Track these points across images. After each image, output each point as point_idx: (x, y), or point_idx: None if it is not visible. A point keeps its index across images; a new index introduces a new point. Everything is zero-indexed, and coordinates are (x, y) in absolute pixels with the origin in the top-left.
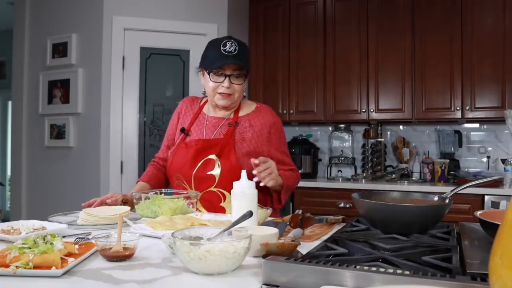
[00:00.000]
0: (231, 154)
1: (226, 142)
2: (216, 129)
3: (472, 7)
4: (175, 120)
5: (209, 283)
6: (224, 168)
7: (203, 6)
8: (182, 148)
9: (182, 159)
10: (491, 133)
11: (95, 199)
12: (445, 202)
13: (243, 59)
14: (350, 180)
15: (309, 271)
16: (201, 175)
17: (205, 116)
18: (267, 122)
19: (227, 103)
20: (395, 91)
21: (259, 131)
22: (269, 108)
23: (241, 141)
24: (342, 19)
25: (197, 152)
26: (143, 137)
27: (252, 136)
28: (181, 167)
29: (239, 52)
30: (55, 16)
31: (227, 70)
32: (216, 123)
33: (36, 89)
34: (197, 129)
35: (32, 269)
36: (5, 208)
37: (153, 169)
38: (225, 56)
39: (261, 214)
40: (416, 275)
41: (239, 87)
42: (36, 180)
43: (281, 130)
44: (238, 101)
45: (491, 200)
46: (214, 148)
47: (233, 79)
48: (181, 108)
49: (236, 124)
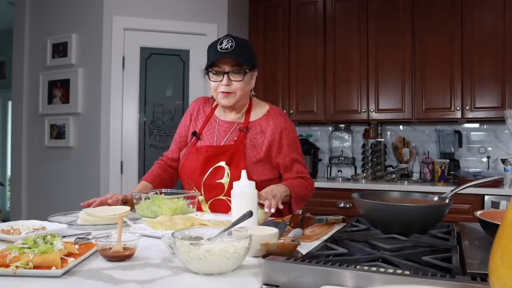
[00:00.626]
0: (240, 162)
1: (236, 149)
2: (227, 134)
3: (472, 7)
4: (187, 121)
5: (209, 283)
6: (233, 177)
7: (203, 6)
8: (193, 153)
9: (192, 164)
10: (491, 133)
11: (94, 199)
12: (445, 202)
13: (241, 54)
14: (350, 180)
15: (309, 271)
16: (210, 183)
17: (217, 120)
18: (278, 127)
19: (229, 101)
20: (395, 91)
21: (270, 137)
22: (281, 112)
23: (251, 148)
24: (342, 19)
25: (207, 159)
26: (143, 137)
27: (263, 142)
28: (191, 172)
29: (236, 48)
30: (55, 16)
31: (224, 67)
32: (227, 128)
33: (36, 89)
34: (208, 133)
35: (32, 269)
36: (5, 208)
37: (158, 169)
38: (221, 53)
39: (260, 215)
40: (416, 275)
41: (239, 84)
42: (36, 180)
43: (293, 135)
44: (242, 99)
45: (491, 200)
46: (224, 155)
47: (231, 76)
48: (193, 109)
49: (247, 130)
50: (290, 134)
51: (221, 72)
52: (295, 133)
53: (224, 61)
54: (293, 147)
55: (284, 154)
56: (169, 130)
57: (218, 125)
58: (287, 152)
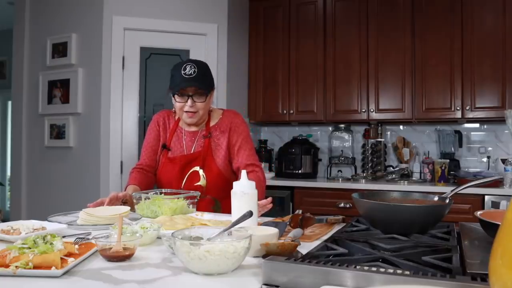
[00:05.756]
0: (212, 164)
1: (206, 154)
2: (194, 143)
3: (472, 7)
4: (155, 131)
5: (209, 283)
6: (209, 178)
7: (203, 6)
8: (167, 164)
9: (169, 173)
10: (491, 133)
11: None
12: (445, 202)
13: (202, 80)
14: (350, 180)
15: (309, 271)
16: (189, 187)
17: (183, 131)
18: (229, 122)
19: (193, 121)
20: (395, 91)
21: (227, 133)
22: (234, 111)
23: (217, 148)
24: (342, 19)
25: (182, 167)
26: (143, 137)
27: (223, 139)
28: (170, 181)
29: (198, 74)
30: (55, 16)
31: (189, 91)
32: (192, 136)
33: (36, 89)
34: (177, 143)
35: (32, 269)
36: (5, 208)
37: (139, 174)
38: (185, 79)
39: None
40: (416, 275)
41: (202, 104)
42: (36, 180)
43: (240, 124)
44: (204, 117)
45: (491, 200)
46: (196, 161)
47: (196, 98)
48: (158, 120)
49: (210, 135)
50: (238, 123)
51: (186, 95)
52: (244, 123)
53: (188, 88)
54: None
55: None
56: None
57: (184, 136)
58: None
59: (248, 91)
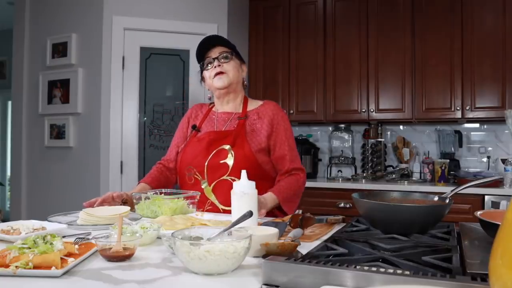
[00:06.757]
0: (244, 144)
1: (238, 133)
2: (227, 123)
3: (472, 7)
4: (184, 124)
5: (209, 283)
6: (237, 156)
7: (203, 6)
8: (194, 142)
9: (194, 150)
10: (491, 133)
11: (96, 198)
12: (445, 202)
13: (223, 40)
14: (350, 180)
15: (309, 271)
16: (214, 164)
17: (215, 113)
18: (275, 114)
19: (223, 82)
20: (395, 91)
21: (266, 120)
22: (275, 103)
23: (251, 132)
24: (342, 19)
25: (209, 143)
26: (143, 137)
27: (261, 126)
28: (194, 157)
29: (218, 38)
30: (55, 16)
31: (212, 54)
32: (226, 117)
33: (36, 89)
34: (208, 125)
35: (32, 269)
36: (5, 208)
37: (156, 171)
38: (205, 42)
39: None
40: (416, 275)
41: (229, 66)
42: (36, 180)
43: (286, 120)
44: (235, 81)
45: (491, 200)
46: (227, 138)
47: (221, 60)
48: (190, 113)
49: (246, 117)
50: (285, 120)
51: (211, 60)
52: (289, 122)
53: (211, 51)
54: (289, 134)
55: (281, 140)
56: (169, 130)
57: (216, 118)
58: (283, 138)
59: (248, 91)
